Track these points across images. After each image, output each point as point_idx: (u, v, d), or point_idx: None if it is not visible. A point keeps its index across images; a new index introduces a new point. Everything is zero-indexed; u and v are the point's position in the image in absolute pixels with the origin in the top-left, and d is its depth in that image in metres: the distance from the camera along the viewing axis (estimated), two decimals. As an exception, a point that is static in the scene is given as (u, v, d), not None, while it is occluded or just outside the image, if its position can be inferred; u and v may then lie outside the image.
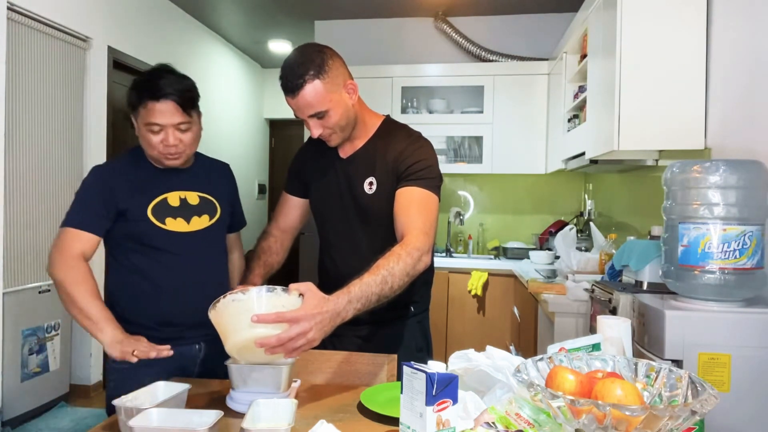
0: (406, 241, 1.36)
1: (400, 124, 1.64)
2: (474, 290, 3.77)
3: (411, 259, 1.32)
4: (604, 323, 1.15)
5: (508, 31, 4.54)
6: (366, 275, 1.26)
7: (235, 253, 1.85)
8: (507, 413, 0.93)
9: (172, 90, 1.48)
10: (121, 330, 1.46)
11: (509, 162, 4.14)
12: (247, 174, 6.30)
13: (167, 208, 1.58)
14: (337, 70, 1.46)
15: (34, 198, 3.17)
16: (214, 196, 1.69)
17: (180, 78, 1.55)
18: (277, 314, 1.11)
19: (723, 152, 1.95)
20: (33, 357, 3.14)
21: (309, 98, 1.41)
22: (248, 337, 1.12)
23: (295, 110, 1.47)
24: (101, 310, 1.46)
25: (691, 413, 0.74)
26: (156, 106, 1.48)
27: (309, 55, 1.44)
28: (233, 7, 4.73)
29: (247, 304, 1.13)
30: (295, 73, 1.41)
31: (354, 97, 1.51)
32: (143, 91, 1.49)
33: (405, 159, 1.51)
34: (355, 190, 1.58)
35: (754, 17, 1.80)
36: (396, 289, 1.29)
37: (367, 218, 1.58)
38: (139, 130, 1.54)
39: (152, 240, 1.56)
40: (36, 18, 3.13)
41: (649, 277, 1.77)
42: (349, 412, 1.23)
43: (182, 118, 1.51)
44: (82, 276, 1.48)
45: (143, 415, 1.04)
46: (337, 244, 1.66)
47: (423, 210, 1.44)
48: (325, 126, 1.47)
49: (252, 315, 1.10)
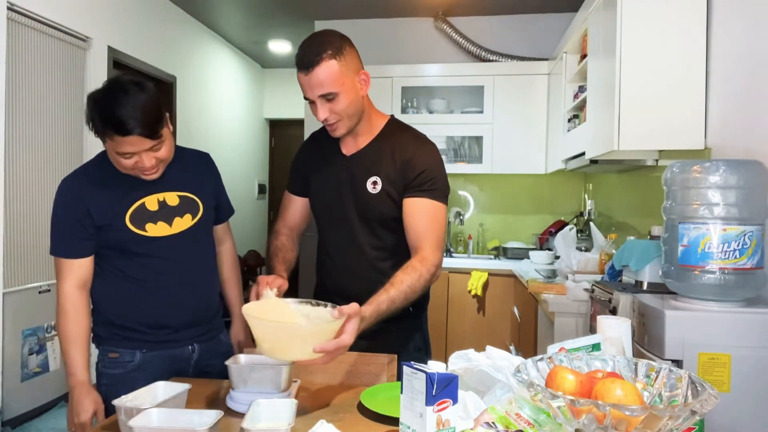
0: (424, 256, 1.46)
1: (405, 125, 1.64)
2: (474, 290, 3.77)
3: (429, 275, 1.45)
4: (604, 323, 1.15)
5: (508, 31, 4.54)
6: (392, 291, 1.36)
7: (225, 244, 1.81)
8: (507, 413, 0.93)
9: (136, 124, 1.36)
10: (86, 388, 1.47)
11: (509, 162, 4.14)
12: (247, 174, 6.31)
13: (146, 214, 1.53)
14: (354, 57, 1.48)
15: (34, 198, 3.17)
16: (194, 194, 1.62)
17: (140, 96, 1.38)
18: (335, 344, 1.18)
19: (723, 152, 1.95)
20: (33, 357, 3.14)
21: (322, 76, 1.41)
22: (302, 354, 1.17)
23: (305, 88, 1.45)
24: (80, 367, 1.49)
25: (691, 413, 0.74)
26: (125, 140, 1.38)
27: (329, 36, 1.46)
28: (233, 7, 4.73)
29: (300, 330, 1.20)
30: (313, 50, 1.42)
31: (365, 88, 1.51)
32: (107, 126, 1.38)
33: (415, 167, 1.52)
34: (357, 188, 1.57)
35: (754, 17, 1.80)
36: (411, 302, 1.42)
37: (367, 217, 1.58)
38: (109, 152, 1.46)
39: (135, 247, 1.52)
40: (36, 18, 3.13)
41: (649, 277, 1.77)
42: (349, 412, 1.23)
43: (153, 142, 1.42)
44: (72, 328, 1.49)
45: (143, 415, 1.04)
46: (336, 241, 1.64)
47: (435, 222, 1.52)
48: (333, 110, 1.46)
49: (315, 346, 1.16)
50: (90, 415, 1.45)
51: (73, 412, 1.45)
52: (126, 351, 1.55)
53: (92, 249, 1.53)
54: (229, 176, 5.69)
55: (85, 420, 1.44)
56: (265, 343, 1.17)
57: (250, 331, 1.22)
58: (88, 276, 1.53)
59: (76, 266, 1.51)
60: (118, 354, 1.55)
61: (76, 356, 1.48)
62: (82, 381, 1.47)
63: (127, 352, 1.55)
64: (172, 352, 1.58)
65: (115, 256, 1.54)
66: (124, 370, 1.54)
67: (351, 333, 1.21)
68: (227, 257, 1.81)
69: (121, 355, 1.55)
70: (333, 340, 1.17)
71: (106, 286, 1.56)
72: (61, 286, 1.51)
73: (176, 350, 1.59)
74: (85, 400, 1.45)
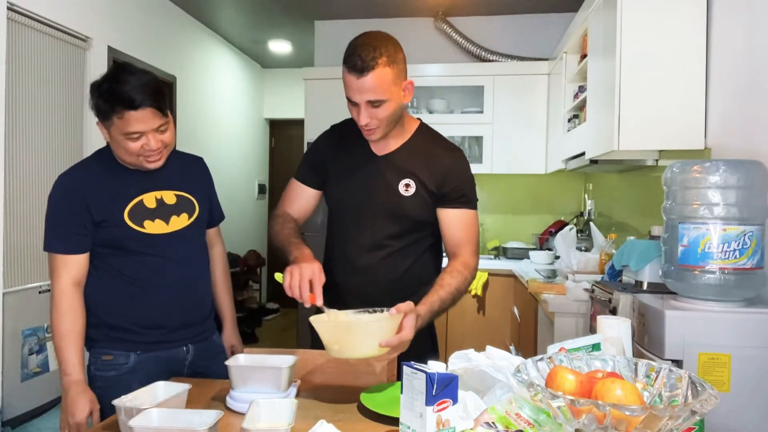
0: (466, 261, 1.56)
1: (435, 132, 1.68)
2: (474, 290, 3.77)
3: (472, 278, 1.55)
4: (604, 323, 1.15)
5: (508, 31, 4.54)
6: (442, 292, 1.45)
7: (216, 248, 1.81)
8: (507, 413, 0.93)
9: (146, 96, 1.41)
10: (82, 387, 1.46)
11: (509, 162, 4.14)
12: (247, 174, 6.30)
13: (144, 211, 1.53)
14: (404, 65, 1.47)
15: (34, 198, 3.16)
16: (191, 194, 1.63)
17: (144, 77, 1.45)
18: (398, 338, 1.27)
19: (723, 152, 1.95)
20: (33, 357, 3.13)
21: (375, 82, 1.39)
22: (369, 351, 1.25)
23: (353, 91, 1.42)
24: (75, 365, 1.47)
25: (691, 413, 0.74)
26: (134, 115, 1.41)
27: (384, 40, 1.43)
28: (233, 7, 4.73)
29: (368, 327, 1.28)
30: (370, 54, 1.38)
31: (409, 96, 1.50)
32: (116, 101, 1.41)
33: (452, 180, 1.57)
34: (390, 188, 1.57)
35: (754, 17, 1.80)
36: (457, 303, 1.53)
37: (396, 218, 1.58)
38: (113, 138, 1.48)
39: (132, 244, 1.52)
40: (36, 18, 3.13)
41: (649, 277, 1.77)
42: (349, 412, 1.23)
43: (161, 120, 1.46)
44: (67, 326, 1.48)
45: (143, 415, 1.04)
46: (357, 239, 1.61)
47: (472, 230, 1.62)
48: (376, 116, 1.45)
49: (381, 341, 1.23)
50: (86, 414, 1.44)
51: (68, 412, 1.44)
52: (120, 353, 1.53)
53: (89, 245, 1.52)
54: (229, 176, 5.71)
55: (80, 420, 1.43)
56: (335, 344, 1.23)
57: (242, 335, 1.26)
58: (84, 273, 1.52)
59: (72, 263, 1.49)
60: (112, 356, 1.53)
61: (71, 355, 1.46)
62: (78, 380, 1.46)
63: (121, 354, 1.53)
64: (167, 353, 1.57)
65: (110, 254, 1.53)
66: (118, 373, 1.52)
67: (410, 328, 1.29)
68: (218, 261, 1.81)
69: (115, 357, 1.53)
70: (396, 335, 1.25)
71: (100, 286, 1.54)
72: (57, 283, 1.49)
73: (171, 351, 1.58)
74: (80, 399, 1.44)
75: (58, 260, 1.49)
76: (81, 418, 1.43)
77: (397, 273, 1.59)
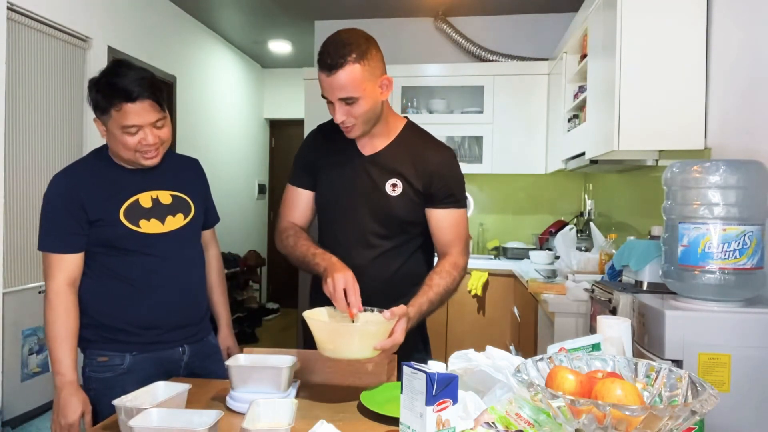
0: (456, 261, 1.56)
1: (422, 130, 1.66)
2: (474, 290, 3.77)
3: (460, 278, 1.56)
4: (604, 323, 1.15)
5: (508, 31, 4.53)
6: (430, 293, 1.47)
7: (212, 250, 1.80)
8: (507, 413, 0.93)
9: (144, 88, 1.42)
10: (75, 388, 1.45)
11: (509, 162, 4.14)
12: (247, 174, 6.30)
13: (140, 210, 1.53)
14: (378, 62, 1.48)
15: (34, 198, 3.16)
16: (187, 194, 1.63)
17: (141, 72, 1.47)
18: (391, 342, 1.31)
19: (723, 152, 1.95)
20: (33, 357, 3.13)
21: (344, 80, 1.40)
22: (363, 353, 1.29)
23: (326, 90, 1.44)
24: (69, 366, 1.46)
25: (691, 413, 0.74)
26: (132, 108, 1.42)
27: (356, 38, 1.44)
28: (233, 7, 4.73)
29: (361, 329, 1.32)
30: (339, 51, 1.40)
31: (386, 93, 1.51)
32: (114, 94, 1.42)
33: (439, 179, 1.56)
34: (377, 188, 1.57)
35: (754, 17, 1.80)
36: (445, 303, 1.55)
37: (383, 218, 1.57)
38: (111, 134, 1.48)
39: (127, 244, 1.51)
40: (36, 18, 3.13)
41: (649, 277, 1.77)
42: (349, 412, 1.23)
43: (159, 114, 1.47)
44: (61, 326, 1.47)
45: (143, 415, 1.04)
46: (345, 239, 1.60)
47: (461, 229, 1.61)
48: (351, 113, 1.45)
49: (375, 345, 1.28)
50: (78, 415, 1.43)
51: (60, 413, 1.42)
52: (115, 354, 1.52)
53: (83, 245, 1.51)
54: (229, 176, 5.71)
55: (73, 421, 1.42)
56: (330, 344, 1.27)
57: (237, 336, 1.27)
58: (78, 273, 1.51)
59: (67, 262, 1.49)
60: (107, 357, 1.52)
61: (64, 355, 1.45)
62: (71, 381, 1.45)
63: (116, 355, 1.52)
64: (163, 354, 1.56)
65: (105, 254, 1.52)
66: (113, 374, 1.51)
67: (401, 332, 1.32)
68: (214, 263, 1.80)
69: (110, 358, 1.52)
70: (388, 339, 1.29)
71: (95, 286, 1.53)
72: (51, 282, 1.48)
73: (167, 352, 1.57)
74: (73, 399, 1.43)
75: (52, 260, 1.49)
76: (73, 420, 1.42)
77: (388, 273, 1.58)
